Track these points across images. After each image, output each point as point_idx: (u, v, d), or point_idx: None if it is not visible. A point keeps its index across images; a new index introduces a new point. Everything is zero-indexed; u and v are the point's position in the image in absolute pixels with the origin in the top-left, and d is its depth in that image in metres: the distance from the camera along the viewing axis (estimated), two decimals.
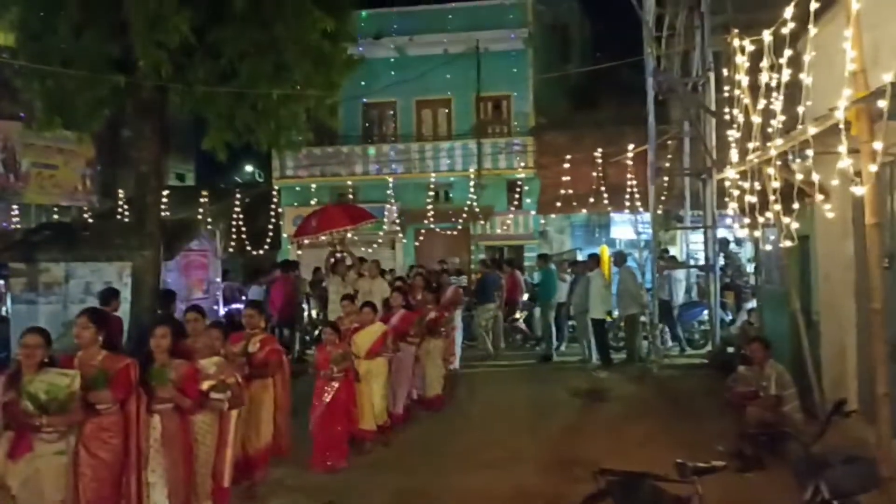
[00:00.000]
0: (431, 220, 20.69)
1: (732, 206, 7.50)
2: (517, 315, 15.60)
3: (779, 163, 6.05)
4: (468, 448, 8.43)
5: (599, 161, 18.68)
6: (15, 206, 18.40)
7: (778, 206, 6.26)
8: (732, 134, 7.31)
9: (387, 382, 8.67)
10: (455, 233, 21.25)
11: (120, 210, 19.60)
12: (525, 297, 16.05)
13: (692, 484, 4.23)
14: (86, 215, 19.50)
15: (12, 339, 10.85)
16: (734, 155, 7.56)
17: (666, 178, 16.33)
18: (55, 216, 18.85)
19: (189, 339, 6.13)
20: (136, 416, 5.14)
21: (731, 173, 7.53)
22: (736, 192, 7.22)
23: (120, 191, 20.33)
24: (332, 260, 12.73)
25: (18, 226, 17.29)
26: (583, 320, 13.39)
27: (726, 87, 9.09)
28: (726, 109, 8.28)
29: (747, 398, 7.47)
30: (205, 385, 5.76)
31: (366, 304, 8.88)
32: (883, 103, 4.08)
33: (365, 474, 7.60)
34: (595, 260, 13.82)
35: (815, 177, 5.21)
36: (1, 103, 17.48)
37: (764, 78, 6.16)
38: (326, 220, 13.14)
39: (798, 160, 5.83)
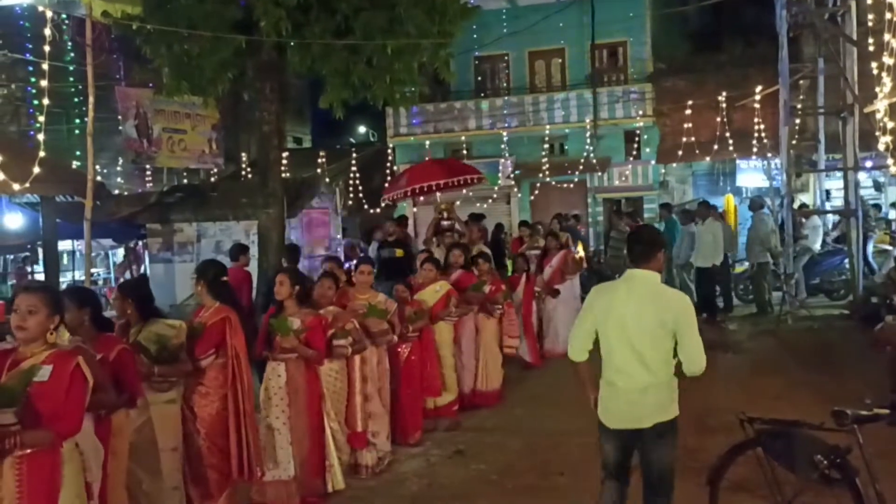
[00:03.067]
0: (547, 173, 20.29)
1: (884, 141, 6.89)
2: None
3: None
4: None
5: (723, 105, 17.73)
6: (148, 171, 19.40)
7: None
8: (885, 60, 6.67)
9: (452, 352, 7.77)
10: (571, 186, 20.80)
11: (244, 172, 20.32)
12: None
13: (852, 433, 3.93)
14: (213, 178, 20.34)
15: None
16: (887, 85, 6.92)
17: (798, 121, 15.34)
18: (185, 179, 19.79)
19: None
20: (235, 372, 5.02)
21: (881, 105, 6.90)
22: (890, 125, 6.61)
23: (243, 154, 21.07)
24: (435, 228, 11.92)
25: (152, 189, 18.24)
26: (681, 274, 12.99)
27: (870, 16, 8.35)
28: (870, 40, 7.60)
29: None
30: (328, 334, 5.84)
31: (427, 259, 7.91)
32: None
33: (496, 422, 7.61)
34: (705, 208, 13.05)
35: None
36: (132, 71, 18.37)
37: None
38: (417, 174, 12.34)
39: None
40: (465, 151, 21.08)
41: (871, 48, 7.45)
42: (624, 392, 4.04)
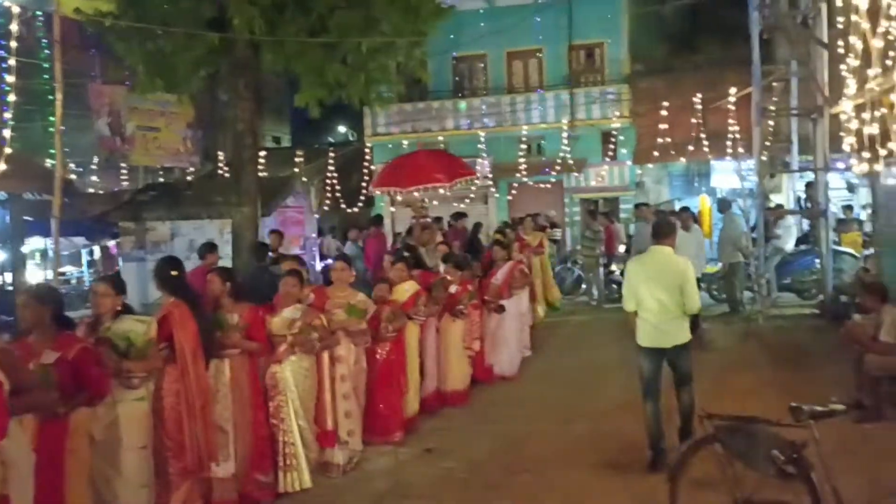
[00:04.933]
0: (524, 173, 20.39)
1: (849, 141, 6.98)
2: (613, 267, 15.27)
3: None
4: (568, 398, 8.33)
5: (699, 107, 17.88)
6: (123, 169, 19.25)
7: None
8: (850, 62, 6.76)
9: (417, 353, 7.64)
10: (548, 186, 20.91)
11: (220, 171, 20.22)
12: (622, 248, 15.70)
13: (808, 429, 3.98)
14: (189, 176, 20.22)
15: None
16: (851, 86, 7.01)
17: (771, 123, 15.48)
18: (160, 178, 19.66)
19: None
20: (188, 366, 5.00)
21: (847, 106, 7.00)
22: (854, 126, 6.70)
23: (219, 153, 20.98)
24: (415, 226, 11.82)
25: (127, 187, 18.09)
26: None
27: (839, 18, 8.44)
28: (840, 42, 7.70)
29: (862, 342, 7.02)
30: (294, 330, 5.84)
31: (398, 258, 8.00)
32: None
33: (463, 422, 7.63)
34: (688, 215, 12.81)
35: None
36: (106, 69, 18.22)
37: None
38: (416, 173, 12.21)
39: None
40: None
41: (840, 50, 7.52)
42: (652, 325, 6.02)
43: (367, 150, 21.95)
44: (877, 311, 7.06)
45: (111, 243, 15.73)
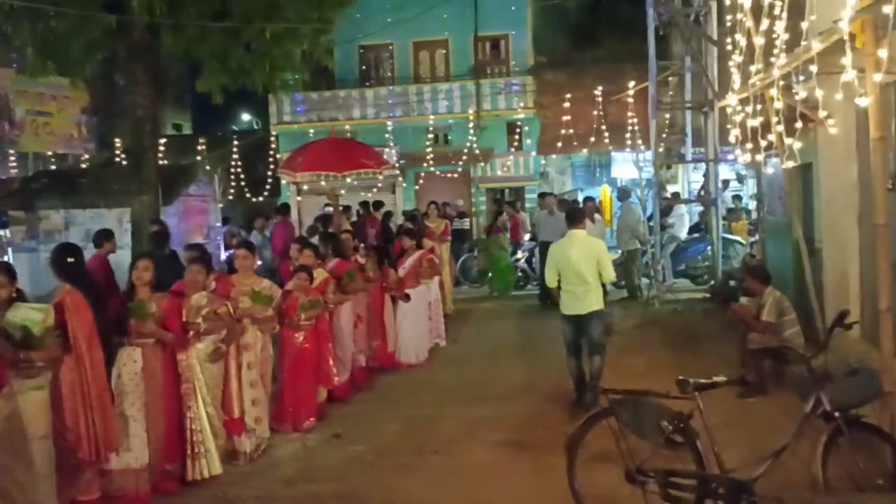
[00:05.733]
0: (431, 163, 20.55)
1: (735, 133, 7.41)
2: (519, 255, 15.62)
3: (782, 83, 5.95)
4: (475, 382, 8.54)
5: (600, 99, 18.43)
6: (12, 155, 18.29)
7: (781, 128, 6.19)
8: (735, 59, 7.17)
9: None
10: (455, 175, 21.12)
11: (118, 158, 19.47)
12: (527, 237, 16.06)
13: (693, 400, 4.26)
14: (84, 164, 19.38)
15: None
16: (737, 81, 7.44)
17: (667, 115, 16.16)
18: (52, 165, 18.77)
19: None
20: (83, 355, 4.87)
21: (733, 100, 7.42)
22: (738, 118, 7.12)
23: (117, 140, 20.19)
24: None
25: (17, 174, 17.21)
26: None
27: (728, 17, 8.92)
28: (728, 39, 8.13)
29: (746, 321, 7.50)
30: (199, 318, 5.79)
31: (305, 245, 7.96)
32: (889, 8, 3.97)
33: (372, 407, 7.71)
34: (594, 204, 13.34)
35: (819, 93, 5.10)
36: None
37: None
38: (312, 159, 11.77)
39: (801, 78, 5.74)
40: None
41: (728, 47, 7.95)
42: (573, 294, 7.19)
43: (272, 139, 21.60)
44: (760, 293, 7.54)
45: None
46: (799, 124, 5.54)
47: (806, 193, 8.95)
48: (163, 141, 12.21)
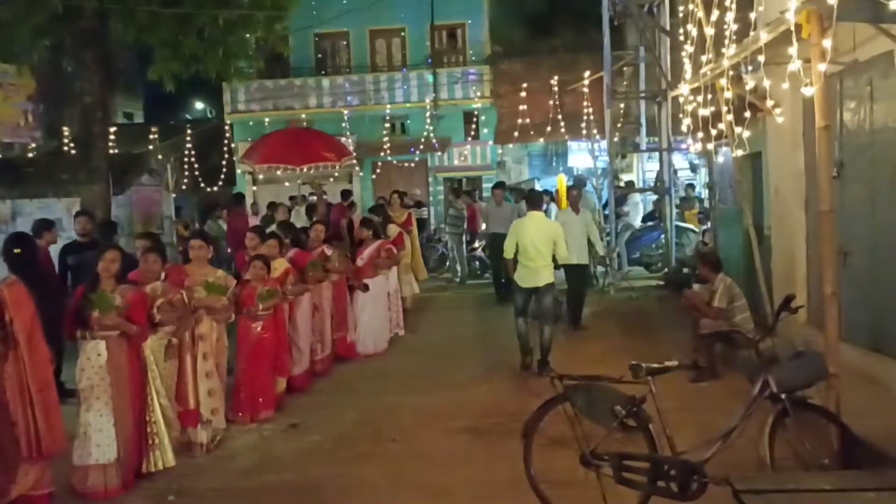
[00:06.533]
0: (388, 152, 20.47)
1: (686, 123, 7.53)
2: (476, 244, 15.68)
3: (732, 73, 6.06)
4: (432, 372, 8.58)
5: (556, 89, 18.52)
6: None
7: (730, 117, 6.31)
8: (687, 49, 7.28)
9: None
10: (412, 165, 21.12)
11: (66, 147, 18.97)
12: (483, 226, 16.09)
13: (646, 384, 4.34)
14: (30, 153, 18.82)
15: None
16: (689, 72, 7.55)
17: (622, 105, 16.32)
18: None
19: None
20: (22, 349, 4.68)
21: (685, 89, 7.53)
22: (690, 108, 7.24)
23: (65, 129, 19.66)
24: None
25: None
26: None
27: (681, 7, 9.07)
28: (681, 30, 8.24)
29: (698, 308, 7.65)
30: (154, 309, 5.70)
31: (270, 234, 8.01)
32: (833, 0, 4.07)
33: (331, 396, 7.69)
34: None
35: (767, 83, 5.22)
36: None
37: None
38: (271, 152, 11.91)
39: (750, 69, 5.85)
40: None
41: (681, 37, 8.05)
42: (529, 269, 8.10)
43: (227, 128, 21.28)
44: (711, 280, 7.69)
45: None
46: (748, 114, 5.66)
47: (755, 181, 9.14)
48: (113, 129, 11.90)
